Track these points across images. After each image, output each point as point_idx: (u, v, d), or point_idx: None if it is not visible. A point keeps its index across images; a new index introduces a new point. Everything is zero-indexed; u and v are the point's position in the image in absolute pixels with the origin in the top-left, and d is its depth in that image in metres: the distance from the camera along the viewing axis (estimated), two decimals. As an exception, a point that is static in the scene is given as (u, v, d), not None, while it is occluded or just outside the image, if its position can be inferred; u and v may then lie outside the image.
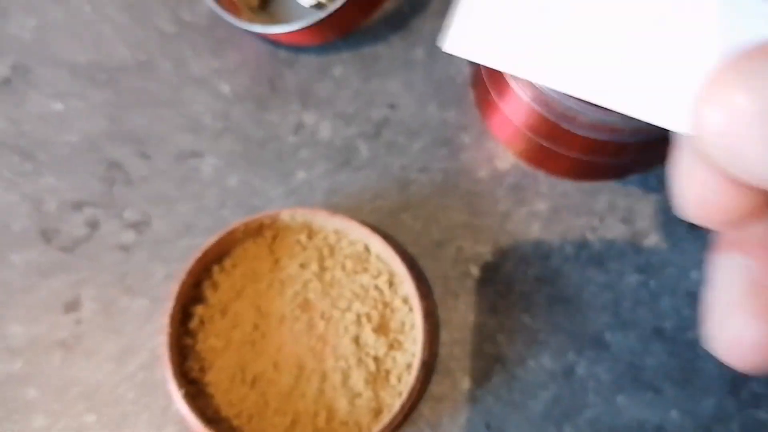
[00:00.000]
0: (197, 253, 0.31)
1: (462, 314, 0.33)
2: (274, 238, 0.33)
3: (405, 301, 0.32)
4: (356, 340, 0.31)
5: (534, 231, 0.34)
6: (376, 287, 0.32)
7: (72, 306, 0.32)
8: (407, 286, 0.31)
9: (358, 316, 0.32)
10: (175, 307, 0.30)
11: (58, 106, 0.35)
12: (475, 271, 0.33)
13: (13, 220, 0.34)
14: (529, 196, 0.34)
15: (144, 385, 0.31)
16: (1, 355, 0.31)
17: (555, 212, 0.34)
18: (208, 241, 0.31)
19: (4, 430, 0.31)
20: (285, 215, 0.32)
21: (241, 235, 0.32)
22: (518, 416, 0.31)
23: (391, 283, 0.32)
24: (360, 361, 0.31)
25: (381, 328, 0.32)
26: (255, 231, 0.32)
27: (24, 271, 0.33)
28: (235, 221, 0.32)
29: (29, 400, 0.31)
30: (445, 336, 0.32)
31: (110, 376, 0.32)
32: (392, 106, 0.35)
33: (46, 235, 0.33)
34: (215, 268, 0.32)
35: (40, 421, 0.31)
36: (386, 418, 0.29)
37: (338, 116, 0.35)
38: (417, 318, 0.31)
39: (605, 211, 0.34)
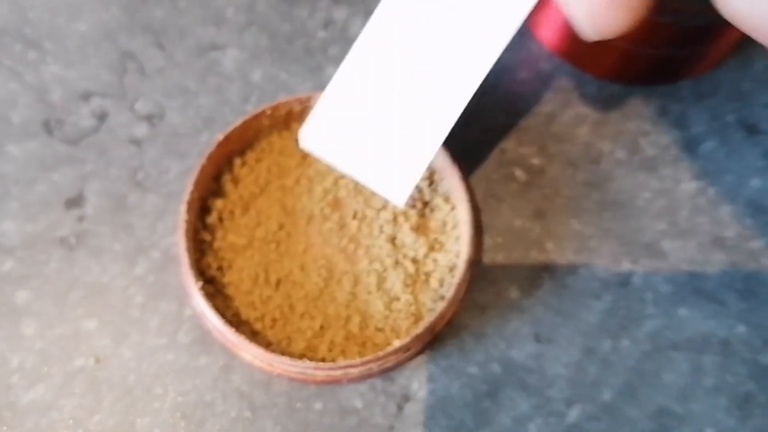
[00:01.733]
0: (219, 137, 0.26)
1: (506, 219, 0.29)
2: (302, 131, 0.29)
3: (446, 199, 0.27)
4: (392, 240, 0.27)
5: (582, 134, 0.30)
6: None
7: (74, 202, 0.28)
8: (449, 182, 0.27)
9: (395, 216, 0.27)
10: (193, 193, 0.26)
11: (67, -5, 0.31)
12: (519, 173, 0.29)
13: (12, 109, 0.29)
14: (575, 98, 0.30)
15: (154, 287, 0.27)
16: (-8, 256, 0.27)
17: (603, 115, 0.30)
18: (231, 125, 0.27)
19: (-8, 339, 0.26)
20: (316, 100, 0.28)
21: (268, 122, 0.28)
22: (570, 327, 0.27)
23: (431, 181, 0.28)
24: (397, 263, 0.27)
25: (420, 228, 0.27)
26: (282, 121, 0.28)
27: (22, 164, 0.28)
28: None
29: (19, 304, 0.26)
30: (488, 241, 0.28)
31: (116, 278, 0.27)
32: None
33: (49, 126, 0.29)
34: (237, 161, 0.28)
35: (30, 327, 0.26)
36: (425, 321, 0.25)
37: (370, 13, 0.31)
38: (461, 215, 0.26)
39: (657, 116, 0.30)
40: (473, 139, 0.29)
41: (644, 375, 0.27)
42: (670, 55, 0.29)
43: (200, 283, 0.24)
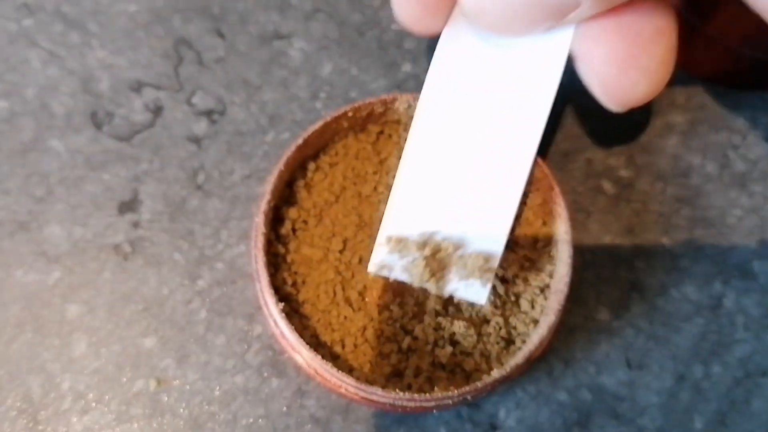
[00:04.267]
0: (297, 141, 0.23)
1: (594, 235, 0.26)
2: (380, 134, 0.25)
3: (536, 213, 0.25)
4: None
5: (671, 145, 0.27)
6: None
7: (129, 206, 0.24)
8: (541, 195, 0.24)
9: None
10: (269, 203, 0.22)
11: (113, -30, 0.27)
12: (607, 186, 0.26)
13: (53, 98, 0.25)
14: (663, 107, 0.28)
15: (219, 302, 0.23)
16: (35, 262, 0.23)
17: (692, 126, 0.27)
18: (310, 128, 0.23)
19: (38, 357, 0.22)
20: (402, 103, 0.24)
21: (346, 124, 0.24)
22: (661, 352, 0.25)
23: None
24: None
25: (509, 244, 0.24)
26: (360, 123, 0.25)
27: (67, 161, 0.24)
28: (329, 114, 0.25)
29: (69, 319, 0.23)
30: (576, 258, 0.26)
31: (176, 291, 0.23)
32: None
33: (97, 119, 0.25)
34: (310, 166, 0.24)
35: (82, 345, 0.22)
36: (524, 350, 0.22)
37: (448, 5, 0.28)
38: (557, 232, 0.24)
39: (747, 128, 0.28)
40: (558, 148, 0.26)
41: (735, 402, 0.24)
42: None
43: (281, 305, 0.21)
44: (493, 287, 0.23)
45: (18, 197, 0.23)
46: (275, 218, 0.23)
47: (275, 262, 0.23)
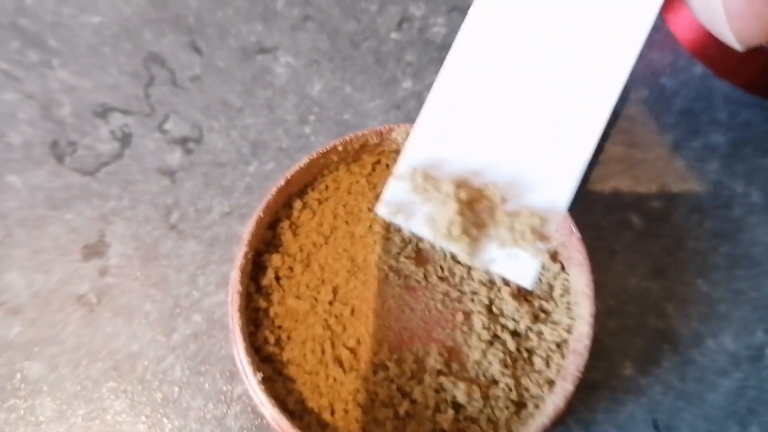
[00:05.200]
0: (279, 182, 0.19)
1: (620, 276, 0.23)
2: (375, 164, 0.22)
3: (553, 256, 0.21)
4: (488, 307, 0.21)
5: (710, 171, 0.23)
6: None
7: (95, 249, 0.21)
8: (558, 235, 0.21)
9: (490, 276, 0.21)
10: (247, 255, 0.20)
11: (75, -24, 0.23)
12: (636, 220, 0.23)
13: (10, 127, 0.22)
14: (703, 125, 0.24)
15: (196, 359, 0.21)
16: (-5, 313, 0.21)
17: (735, 147, 0.24)
18: (293, 167, 0.20)
19: None
20: (399, 133, 0.21)
21: (336, 158, 0.21)
22: (693, 411, 0.22)
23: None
24: (495, 336, 0.21)
25: (521, 293, 0.21)
26: (352, 154, 0.21)
27: (27, 199, 0.21)
28: (319, 140, 0.22)
29: (31, 379, 0.20)
30: (598, 305, 0.22)
31: (148, 347, 0.21)
32: None
33: (58, 150, 0.22)
34: (296, 204, 0.21)
35: (45, 409, 0.20)
36: (537, 420, 0.19)
37: (455, 8, 0.24)
38: (576, 281, 0.20)
39: (799, 150, 0.24)
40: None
41: (775, 467, 0.21)
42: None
43: (259, 375, 0.18)
44: (502, 343, 0.20)
45: (-27, 241, 0.20)
46: (256, 266, 0.20)
47: (256, 318, 0.20)
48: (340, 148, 0.20)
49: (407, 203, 0.15)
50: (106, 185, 0.21)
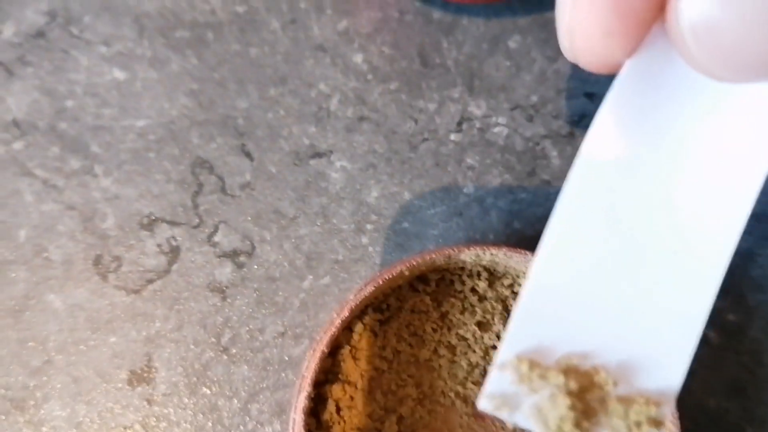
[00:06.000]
0: (342, 313, 0.18)
1: (696, 396, 0.21)
2: (440, 281, 0.21)
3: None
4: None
5: (789, 280, 0.22)
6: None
7: (140, 376, 0.20)
8: (672, 419, 0.19)
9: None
10: (309, 396, 0.18)
11: (118, 73, 0.22)
12: (711, 335, 0.22)
13: (50, 240, 0.20)
14: (779, 231, 0.22)
15: (250, 497, 0.19)
16: (33, 444, 0.19)
17: (814, 254, 0.22)
18: (357, 295, 0.18)
19: None
20: (468, 255, 0.19)
21: (401, 281, 0.20)
22: None
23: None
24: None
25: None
26: (417, 273, 0.20)
27: (67, 321, 0.20)
28: (377, 251, 0.20)
29: None
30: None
31: (198, 481, 0.19)
32: (591, 96, 0.23)
33: (102, 267, 0.20)
34: (357, 326, 0.20)
35: None
36: None
37: (518, 107, 0.22)
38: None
39: None
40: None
41: None
42: None
43: None
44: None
45: (10, 368, 0.19)
46: (315, 397, 0.19)
47: (317, 459, 0.18)
48: (406, 273, 0.18)
49: (512, 395, 0.14)
50: (152, 304, 0.19)
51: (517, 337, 0.14)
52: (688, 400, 0.20)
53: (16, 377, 0.19)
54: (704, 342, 0.21)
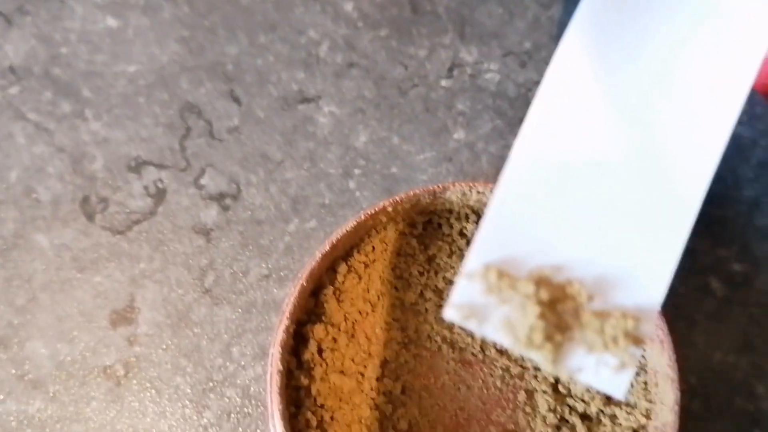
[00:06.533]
0: (323, 247, 0.18)
1: (701, 350, 0.20)
2: (427, 224, 0.20)
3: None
4: (554, 386, 0.19)
5: (799, 230, 0.21)
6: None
7: (123, 315, 0.19)
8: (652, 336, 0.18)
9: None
10: (288, 329, 0.17)
11: (111, 21, 0.22)
12: (716, 285, 0.20)
13: (39, 182, 0.21)
14: (788, 179, 0.21)
15: (230, 440, 0.19)
16: (14, 389, 0.19)
17: (827, 204, 0.21)
18: (339, 230, 0.18)
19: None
20: (453, 193, 0.19)
21: (385, 218, 0.19)
22: None
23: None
24: (562, 419, 0.18)
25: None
26: (403, 214, 0.19)
27: (53, 260, 0.20)
28: (365, 196, 0.20)
29: (55, 454, 0.18)
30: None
31: (178, 425, 0.19)
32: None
33: (89, 207, 0.20)
34: (341, 267, 0.19)
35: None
36: None
37: (510, 53, 0.22)
38: (653, 356, 0.18)
39: None
40: (650, 233, 0.20)
41: None
42: None
43: (301, 469, 0.16)
44: (571, 427, 0.18)
45: (-5, 305, 0.19)
46: (297, 337, 0.18)
47: (296, 397, 0.17)
48: (389, 209, 0.18)
49: (480, 305, 0.13)
50: (137, 245, 0.19)
51: (485, 245, 0.13)
52: (692, 354, 0.19)
53: (2, 315, 0.19)
54: (708, 292, 0.19)
